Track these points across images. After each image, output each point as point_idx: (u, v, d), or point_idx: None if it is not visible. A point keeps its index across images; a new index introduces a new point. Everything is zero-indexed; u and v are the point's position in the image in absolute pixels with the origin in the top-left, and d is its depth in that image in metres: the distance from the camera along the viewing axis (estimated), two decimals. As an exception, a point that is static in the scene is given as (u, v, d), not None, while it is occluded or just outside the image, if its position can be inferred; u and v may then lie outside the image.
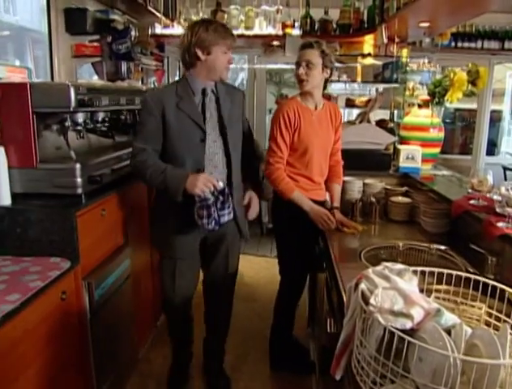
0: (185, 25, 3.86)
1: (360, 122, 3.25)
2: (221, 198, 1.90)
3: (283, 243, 2.42)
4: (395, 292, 0.93)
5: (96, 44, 3.09)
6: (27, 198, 1.85)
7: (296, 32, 3.95)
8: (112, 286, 2.06)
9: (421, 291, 1.04)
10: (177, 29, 3.96)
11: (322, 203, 2.31)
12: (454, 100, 2.86)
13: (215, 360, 2.43)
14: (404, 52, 3.74)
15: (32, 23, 4.81)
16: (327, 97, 3.63)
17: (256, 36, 3.98)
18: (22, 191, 1.86)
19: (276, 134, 2.22)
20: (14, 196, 1.82)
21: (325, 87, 2.33)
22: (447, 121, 5.35)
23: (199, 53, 1.90)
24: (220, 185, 1.90)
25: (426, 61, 3.74)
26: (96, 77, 3.26)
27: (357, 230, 2.08)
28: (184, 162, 1.96)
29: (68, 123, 1.95)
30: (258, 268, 3.97)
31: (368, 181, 2.50)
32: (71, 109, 1.82)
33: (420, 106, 3.15)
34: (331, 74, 2.25)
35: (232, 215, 2.00)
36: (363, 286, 0.99)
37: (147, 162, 1.93)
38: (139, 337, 2.51)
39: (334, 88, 4.36)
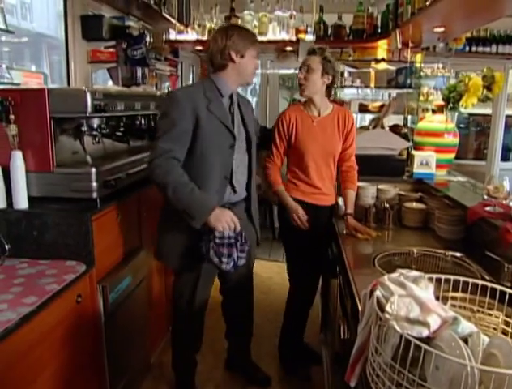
0: (200, 31, 3.97)
1: (374, 128, 3.24)
2: (239, 240, 1.89)
3: (287, 244, 2.46)
4: (411, 300, 0.93)
5: (111, 50, 3.13)
6: (44, 201, 1.87)
7: (310, 37, 3.95)
8: (126, 290, 2.07)
9: (437, 298, 1.03)
10: (191, 35, 4.01)
11: (325, 209, 2.34)
12: (469, 106, 2.84)
13: (245, 355, 2.52)
14: (418, 57, 3.73)
15: (48, 29, 4.90)
16: (340, 103, 3.63)
17: (269, 42, 3.98)
18: (39, 195, 1.88)
19: (271, 139, 2.35)
20: (31, 200, 1.84)
21: (329, 94, 2.36)
22: (461, 126, 5.29)
23: (233, 55, 1.92)
24: (238, 227, 1.87)
25: (440, 66, 3.73)
26: (110, 82, 3.30)
27: (371, 236, 2.07)
28: (213, 166, 1.92)
29: (84, 128, 1.97)
30: (270, 273, 3.97)
31: (381, 186, 2.49)
32: (88, 114, 1.84)
33: (434, 111, 3.13)
34: (333, 81, 2.27)
35: (245, 260, 1.97)
36: (378, 293, 0.98)
37: (173, 172, 1.80)
38: (152, 341, 2.52)
39: (348, 93, 4.36)
